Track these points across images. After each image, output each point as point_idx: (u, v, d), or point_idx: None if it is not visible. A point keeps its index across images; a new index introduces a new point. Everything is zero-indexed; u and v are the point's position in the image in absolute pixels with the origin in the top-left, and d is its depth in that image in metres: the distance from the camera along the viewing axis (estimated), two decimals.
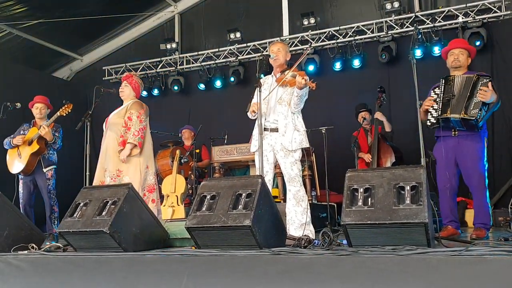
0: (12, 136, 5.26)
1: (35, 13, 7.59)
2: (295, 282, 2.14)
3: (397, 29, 7.09)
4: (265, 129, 3.84)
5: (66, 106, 5.04)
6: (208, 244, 2.75)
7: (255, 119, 3.93)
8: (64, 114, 5.06)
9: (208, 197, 2.86)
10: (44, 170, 5.12)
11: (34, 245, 3.28)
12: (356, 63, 7.27)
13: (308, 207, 3.77)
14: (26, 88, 7.57)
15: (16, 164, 5.13)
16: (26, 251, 3.18)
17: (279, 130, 3.83)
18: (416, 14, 6.97)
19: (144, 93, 8.41)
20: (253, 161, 5.76)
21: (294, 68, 3.83)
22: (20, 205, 5.09)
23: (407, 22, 7.04)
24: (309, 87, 3.62)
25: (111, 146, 4.27)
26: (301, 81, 3.59)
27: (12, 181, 5.18)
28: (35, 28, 7.90)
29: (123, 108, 4.42)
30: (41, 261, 2.80)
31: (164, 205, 5.77)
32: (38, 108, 5.32)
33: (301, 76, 3.63)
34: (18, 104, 5.28)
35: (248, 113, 3.95)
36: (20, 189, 5.15)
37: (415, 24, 6.64)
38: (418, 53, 6.69)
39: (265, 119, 3.86)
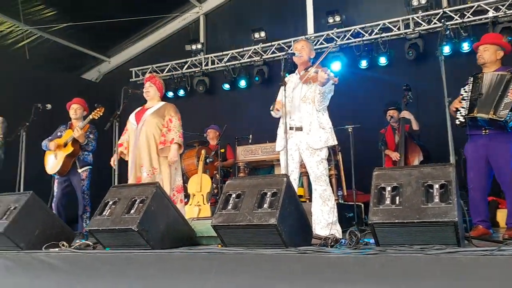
0: (49, 138, 5.40)
1: (64, 16, 7.79)
2: (321, 281, 2.13)
3: (424, 25, 6.95)
4: (290, 128, 3.81)
5: (98, 109, 5.16)
6: (234, 242, 2.76)
7: (280, 117, 3.93)
8: (96, 117, 5.19)
9: (234, 195, 2.87)
10: (79, 170, 5.25)
11: (64, 243, 3.36)
12: (383, 60, 7.17)
13: (335, 206, 3.74)
14: (56, 90, 7.77)
15: (52, 165, 5.27)
16: (57, 249, 3.26)
17: (303, 129, 3.79)
18: (444, 10, 6.83)
19: (170, 94, 8.53)
20: (278, 160, 5.75)
21: (317, 65, 3.80)
22: (53, 204, 5.22)
23: (434, 18, 6.90)
24: (332, 82, 3.58)
25: (148, 143, 4.31)
26: (323, 75, 3.52)
27: (49, 180, 5.34)
28: (64, 31, 8.11)
29: (159, 108, 4.47)
30: (72, 259, 2.87)
31: (190, 204, 5.83)
32: (73, 109, 5.46)
33: (324, 71, 3.60)
34: (49, 106, 5.41)
35: (272, 112, 3.94)
36: (55, 189, 5.28)
37: (442, 20, 6.50)
38: (447, 49, 6.54)
39: (290, 118, 3.84)
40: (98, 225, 3.08)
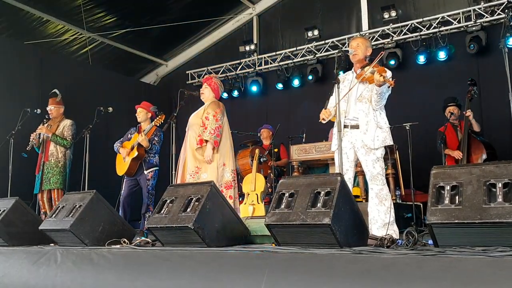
0: (121, 139, 5.66)
1: (123, 22, 8.11)
2: (377, 282, 2.08)
3: (487, 17, 6.61)
4: (345, 126, 3.75)
5: (159, 116, 5.34)
6: (287, 241, 2.77)
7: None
8: (158, 124, 5.38)
9: (287, 195, 2.87)
10: (146, 172, 5.48)
11: (125, 240, 3.51)
12: (442, 55, 6.90)
13: (392, 206, 3.64)
14: (116, 94, 8.13)
15: (121, 166, 5.56)
16: (118, 246, 3.41)
17: (360, 128, 3.72)
18: (509, 0, 6.46)
19: (225, 95, 8.64)
20: (332, 159, 5.69)
21: (374, 64, 3.70)
22: (120, 202, 5.48)
23: (498, 9, 6.54)
24: (388, 85, 3.49)
25: (190, 145, 4.48)
26: (379, 79, 3.45)
27: (119, 180, 5.63)
28: (123, 36, 8.45)
29: (201, 109, 4.63)
30: (132, 255, 2.99)
31: (245, 203, 5.89)
32: (137, 113, 5.69)
33: (380, 72, 3.49)
34: (110, 108, 5.66)
35: (323, 117, 3.85)
36: (124, 186, 5.55)
37: (506, 10, 6.16)
38: (511, 42, 6.19)
39: (345, 117, 3.78)
40: (156, 223, 3.19)
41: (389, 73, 3.56)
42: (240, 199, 5.79)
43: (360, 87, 3.77)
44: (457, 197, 2.35)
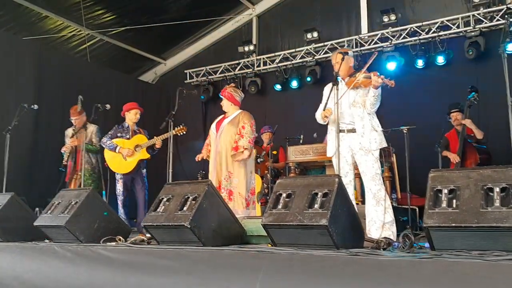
0: (110, 137, 5.55)
1: (122, 20, 8.10)
2: (372, 283, 2.08)
3: (486, 23, 6.63)
4: (341, 131, 3.79)
5: (182, 127, 5.33)
6: (284, 242, 2.76)
7: (327, 124, 3.94)
8: (179, 134, 5.34)
9: (284, 195, 2.87)
10: (143, 171, 5.58)
11: (121, 237, 3.50)
12: (440, 60, 6.92)
13: (390, 206, 3.71)
14: (115, 91, 8.10)
15: (120, 165, 5.49)
16: (114, 243, 3.40)
17: (357, 131, 3.80)
18: (508, 6, 6.47)
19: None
20: (330, 161, 5.68)
21: (364, 70, 3.77)
22: (119, 202, 5.48)
23: (497, 15, 6.56)
24: (389, 86, 3.53)
25: (225, 149, 4.66)
26: (377, 80, 3.53)
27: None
28: (122, 34, 8.43)
29: (235, 117, 4.80)
30: (127, 252, 2.98)
31: None
32: (137, 114, 5.69)
33: (375, 75, 3.56)
34: (108, 106, 5.64)
35: (320, 119, 3.91)
36: (120, 187, 5.49)
37: (506, 16, 6.17)
38: (510, 47, 6.18)
39: (340, 122, 3.82)
40: (152, 221, 3.18)
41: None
42: None
43: (351, 93, 3.84)
44: (454, 201, 2.36)
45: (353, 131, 3.82)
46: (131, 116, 5.67)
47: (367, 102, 3.75)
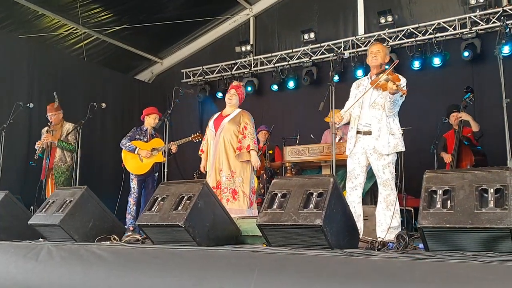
0: (128, 138, 5.75)
1: (119, 19, 8.07)
2: (366, 284, 2.08)
3: (482, 25, 6.65)
4: (358, 132, 3.83)
5: (198, 134, 5.53)
6: (278, 242, 2.76)
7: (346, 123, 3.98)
8: (195, 141, 5.53)
9: (279, 195, 2.86)
10: (155, 174, 5.79)
11: (115, 236, 3.48)
12: (437, 61, 6.94)
13: (399, 212, 3.74)
14: (110, 90, 8.07)
15: (136, 165, 5.69)
16: (108, 242, 3.39)
17: (372, 134, 3.79)
18: (504, 8, 6.50)
19: (220, 95, 8.65)
20: (326, 161, 5.71)
21: (389, 72, 3.74)
22: (131, 199, 5.68)
23: (493, 18, 6.58)
24: (401, 93, 3.55)
25: (226, 148, 4.65)
26: (392, 87, 3.54)
27: (113, 175, 5.64)
28: (119, 33, 8.40)
29: (236, 116, 4.80)
30: (122, 252, 2.97)
31: None
32: (153, 118, 5.83)
33: (394, 80, 3.57)
34: (103, 104, 5.63)
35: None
36: (135, 185, 5.71)
37: (502, 18, 6.20)
38: (506, 50, 6.22)
39: (359, 122, 3.86)
40: (147, 220, 3.17)
41: (403, 81, 3.65)
42: None
43: (374, 93, 3.84)
44: (449, 202, 2.36)
45: (369, 133, 3.81)
46: (150, 120, 5.85)
47: (385, 105, 3.75)
